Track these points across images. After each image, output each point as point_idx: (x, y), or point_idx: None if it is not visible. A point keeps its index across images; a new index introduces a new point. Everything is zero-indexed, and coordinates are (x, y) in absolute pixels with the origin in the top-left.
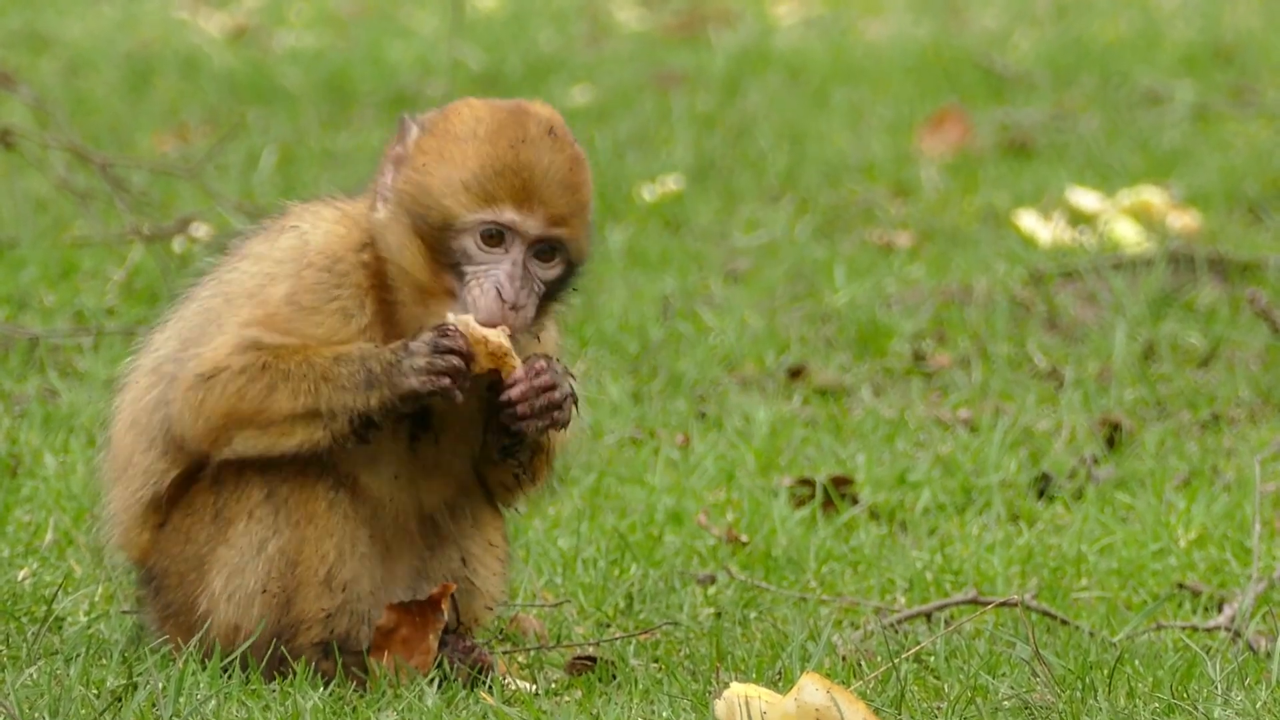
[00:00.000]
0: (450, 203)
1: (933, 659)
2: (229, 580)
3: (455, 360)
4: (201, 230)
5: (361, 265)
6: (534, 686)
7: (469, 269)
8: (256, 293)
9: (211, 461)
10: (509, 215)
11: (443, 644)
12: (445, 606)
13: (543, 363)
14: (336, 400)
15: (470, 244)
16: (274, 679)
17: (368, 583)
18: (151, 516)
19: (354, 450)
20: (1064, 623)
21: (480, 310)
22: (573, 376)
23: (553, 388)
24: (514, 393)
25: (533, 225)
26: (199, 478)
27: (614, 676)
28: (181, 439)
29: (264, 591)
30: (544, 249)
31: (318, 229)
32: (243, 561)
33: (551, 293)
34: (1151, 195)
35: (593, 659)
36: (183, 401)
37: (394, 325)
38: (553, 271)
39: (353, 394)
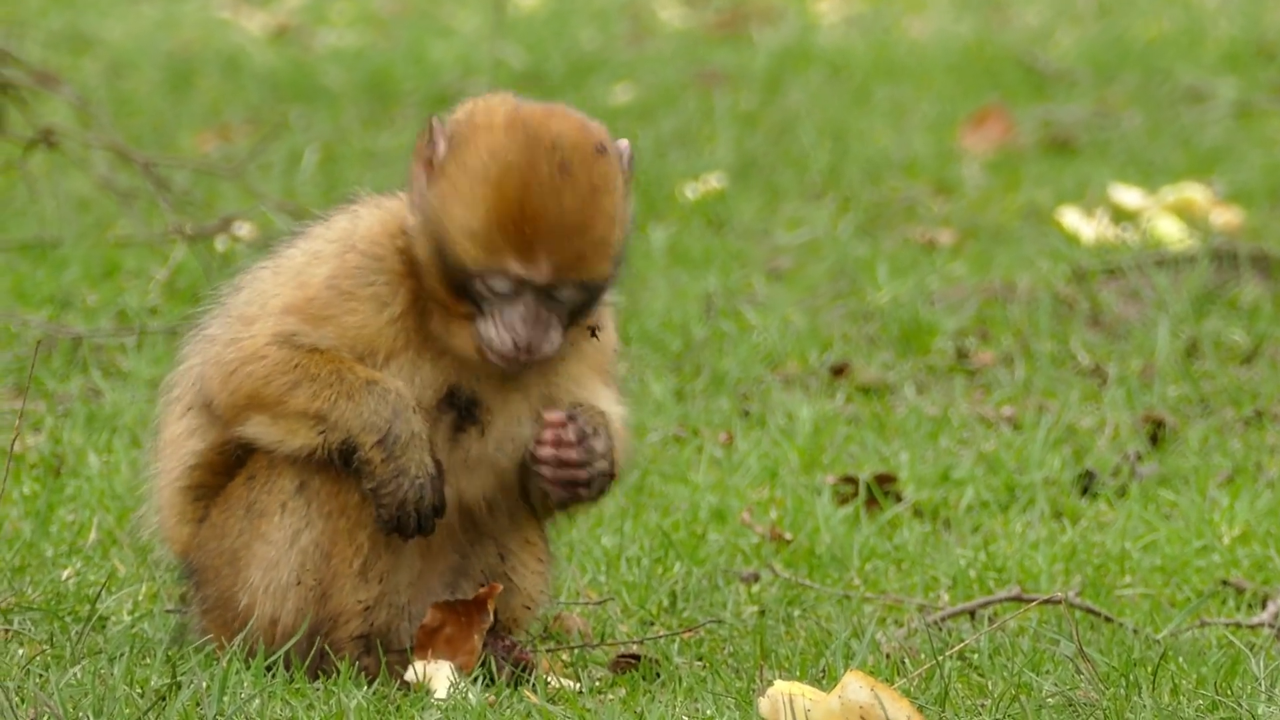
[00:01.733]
0: (459, 250)
1: (976, 656)
2: (264, 573)
3: (410, 528)
4: (244, 229)
5: (398, 252)
6: (578, 685)
7: (484, 304)
8: (302, 271)
9: (233, 437)
10: (514, 269)
11: (485, 643)
12: (491, 606)
13: (573, 432)
14: (345, 419)
15: (480, 286)
16: (317, 677)
17: (405, 575)
18: (190, 509)
19: None
20: (1108, 620)
21: (494, 353)
22: (603, 433)
23: (579, 465)
24: (541, 453)
25: (541, 275)
26: (234, 474)
27: (658, 675)
28: (209, 402)
29: (298, 584)
30: (558, 289)
31: (368, 215)
32: (277, 554)
33: (578, 316)
34: (1194, 192)
35: (636, 657)
36: (216, 369)
37: (425, 320)
38: (573, 300)
39: (363, 427)
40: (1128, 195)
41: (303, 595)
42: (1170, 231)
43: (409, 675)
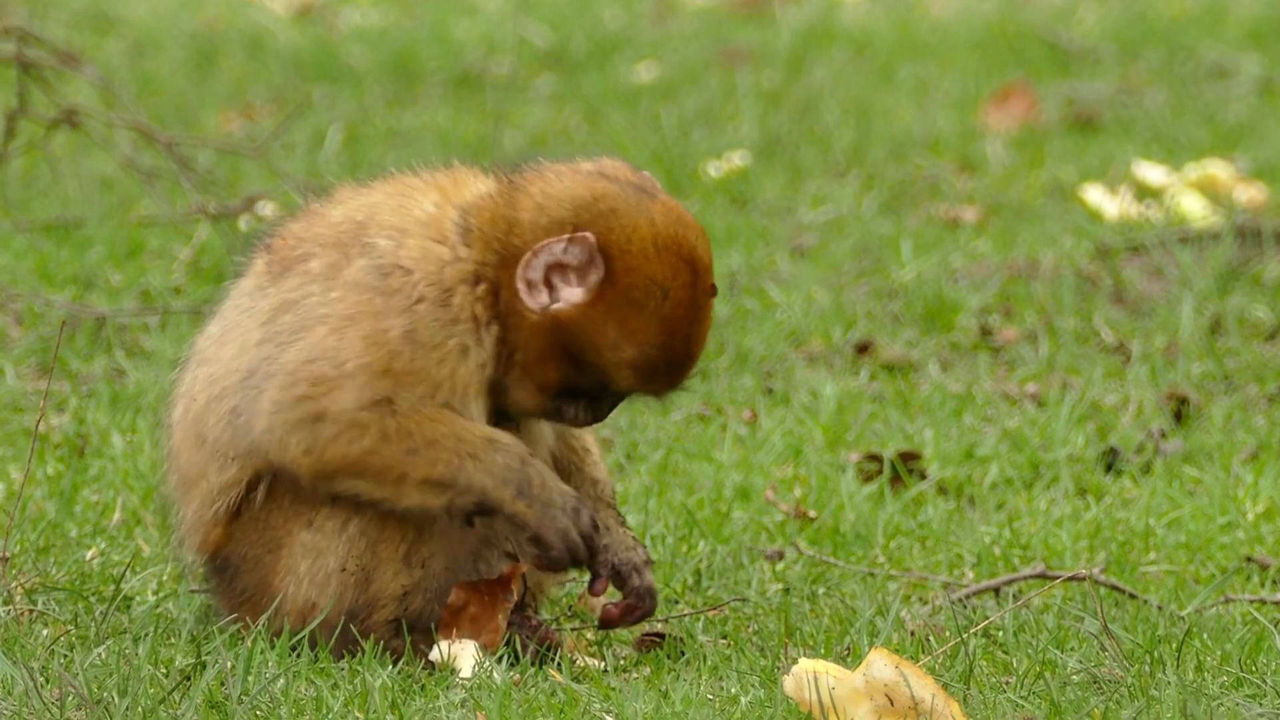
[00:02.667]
0: (614, 374)
1: (1001, 634)
2: (309, 561)
3: (582, 552)
4: (268, 209)
5: (476, 300)
6: (602, 663)
7: (583, 393)
8: (358, 320)
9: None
10: (659, 388)
11: (510, 622)
12: (515, 586)
13: (646, 603)
14: (477, 481)
15: (600, 391)
16: (343, 657)
17: (443, 559)
18: (226, 517)
19: None
20: (1132, 597)
21: (563, 421)
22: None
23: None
24: (609, 615)
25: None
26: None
27: (682, 653)
28: (273, 463)
29: (343, 570)
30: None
31: (403, 235)
32: (324, 542)
33: None
34: (1218, 169)
35: (661, 635)
36: (285, 432)
37: (509, 367)
38: None
39: (497, 485)
40: (1151, 172)
41: (345, 581)
42: (1194, 208)
43: (433, 655)
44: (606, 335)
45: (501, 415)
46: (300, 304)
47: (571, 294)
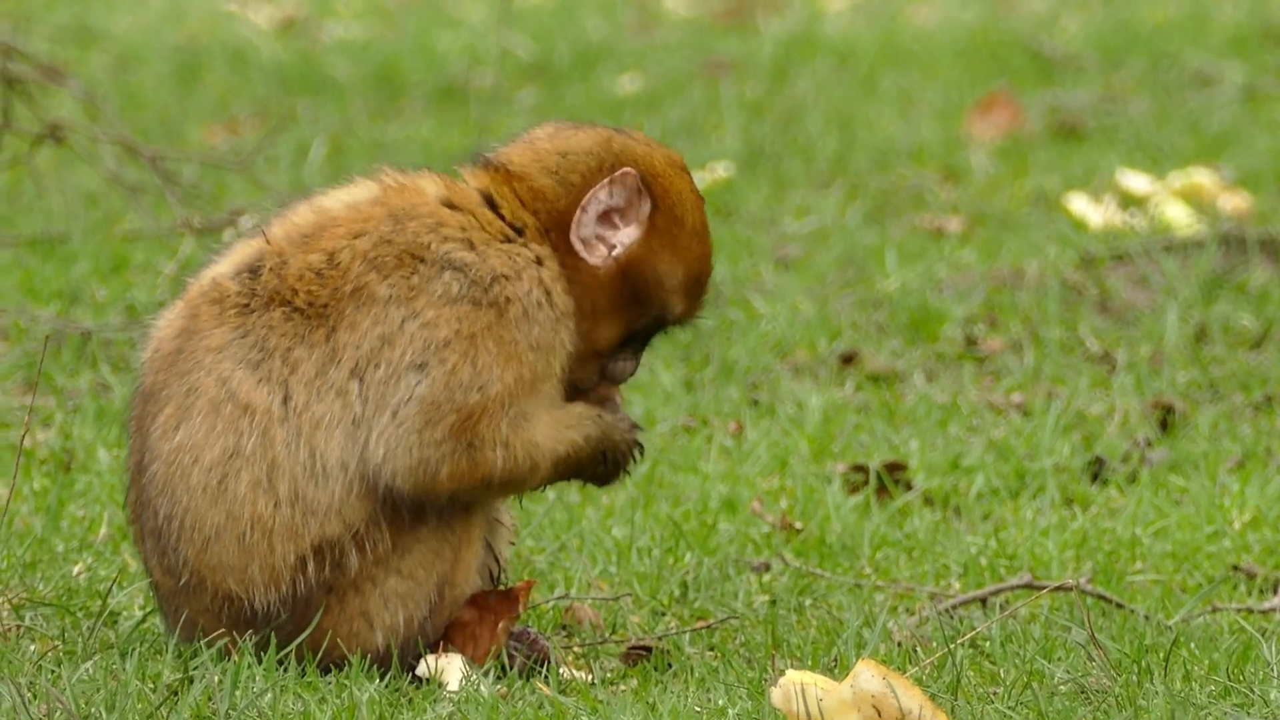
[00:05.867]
0: (671, 302)
1: (988, 644)
2: (390, 607)
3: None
4: (250, 223)
5: (565, 293)
6: (590, 676)
7: (631, 344)
8: (494, 344)
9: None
10: (696, 314)
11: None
12: (524, 603)
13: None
14: (585, 445)
15: (650, 332)
16: (329, 671)
17: (472, 587)
18: (308, 559)
19: None
20: (1119, 606)
21: (608, 380)
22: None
23: None
24: None
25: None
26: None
27: (670, 665)
28: (409, 494)
29: (416, 613)
30: None
31: (501, 258)
32: (408, 589)
33: None
34: (1202, 177)
35: (648, 648)
36: (438, 463)
37: (577, 359)
38: None
39: (598, 437)
40: (1135, 181)
41: (411, 622)
42: (1178, 217)
43: (420, 669)
44: (665, 262)
45: None
46: (397, 334)
47: (627, 234)
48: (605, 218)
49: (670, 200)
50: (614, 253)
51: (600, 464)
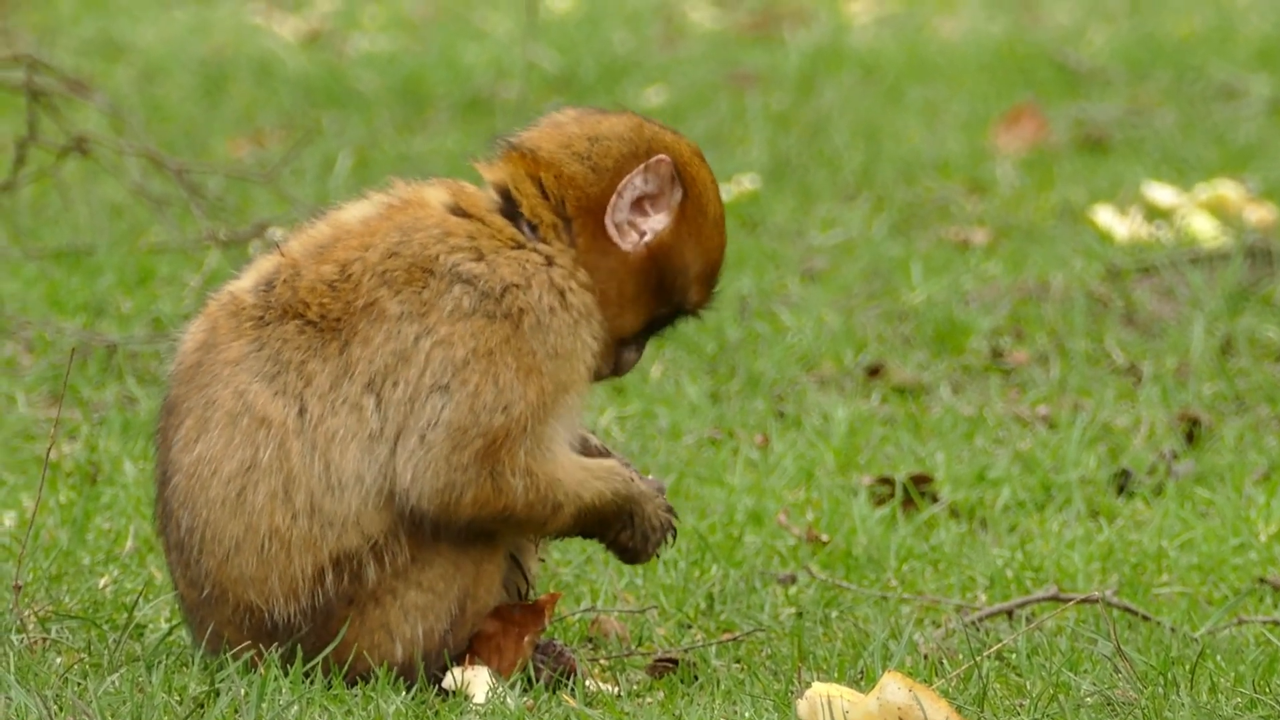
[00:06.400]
0: (691, 291)
1: (1014, 656)
2: (410, 620)
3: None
4: (278, 235)
5: (585, 290)
6: (616, 688)
7: (645, 334)
8: (513, 358)
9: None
10: (708, 303)
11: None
12: (549, 615)
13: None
14: (609, 496)
15: (666, 321)
16: (355, 684)
17: (495, 600)
18: (335, 576)
19: None
20: (1145, 619)
21: (617, 372)
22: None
23: None
24: None
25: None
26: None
27: (696, 678)
28: (433, 517)
29: (437, 626)
30: None
31: (511, 266)
32: (428, 602)
33: None
34: (1228, 189)
35: (674, 660)
36: (464, 487)
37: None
38: None
39: (622, 494)
40: (1161, 193)
41: (432, 636)
42: (1204, 229)
43: (446, 682)
44: (690, 250)
45: None
46: (412, 352)
47: (657, 220)
48: (637, 204)
49: (697, 189)
50: (645, 239)
51: (625, 527)
